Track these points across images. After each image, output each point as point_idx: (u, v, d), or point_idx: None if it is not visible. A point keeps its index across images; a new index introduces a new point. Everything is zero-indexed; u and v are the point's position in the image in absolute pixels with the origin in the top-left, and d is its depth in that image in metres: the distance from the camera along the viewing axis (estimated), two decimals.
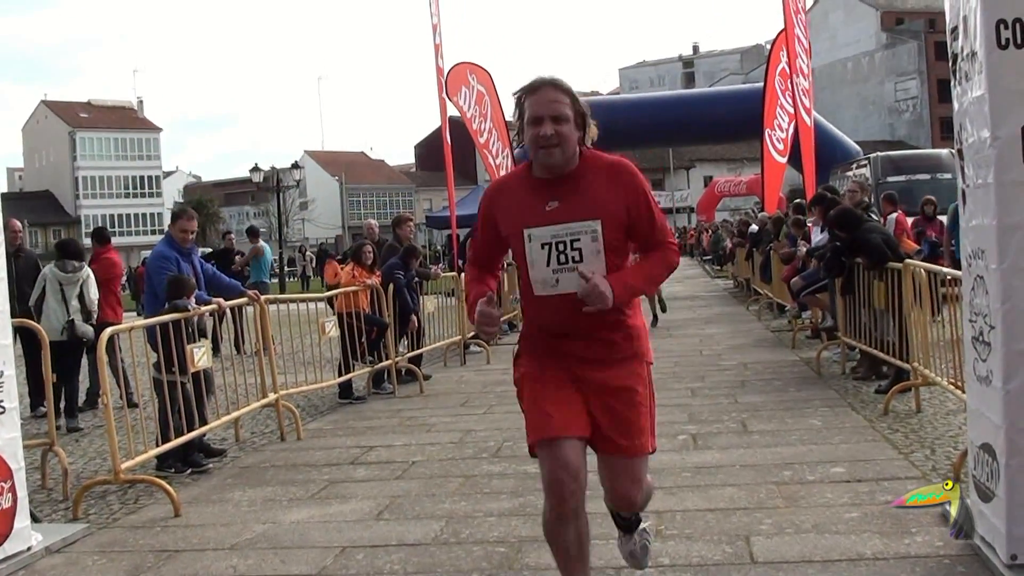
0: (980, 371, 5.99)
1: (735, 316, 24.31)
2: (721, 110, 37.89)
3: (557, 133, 4.85)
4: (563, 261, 4.91)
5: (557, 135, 4.85)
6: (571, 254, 4.89)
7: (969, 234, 6.10)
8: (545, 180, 5.00)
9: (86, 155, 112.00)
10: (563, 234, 4.90)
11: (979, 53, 5.55)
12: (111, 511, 8.75)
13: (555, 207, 4.93)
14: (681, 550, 6.60)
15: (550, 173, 4.98)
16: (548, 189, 4.98)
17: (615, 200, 4.95)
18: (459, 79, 24.61)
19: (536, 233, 4.94)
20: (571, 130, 4.93)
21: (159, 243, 11.06)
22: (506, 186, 5.28)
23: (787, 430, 10.23)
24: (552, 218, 4.92)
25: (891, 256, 11.81)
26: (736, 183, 76.34)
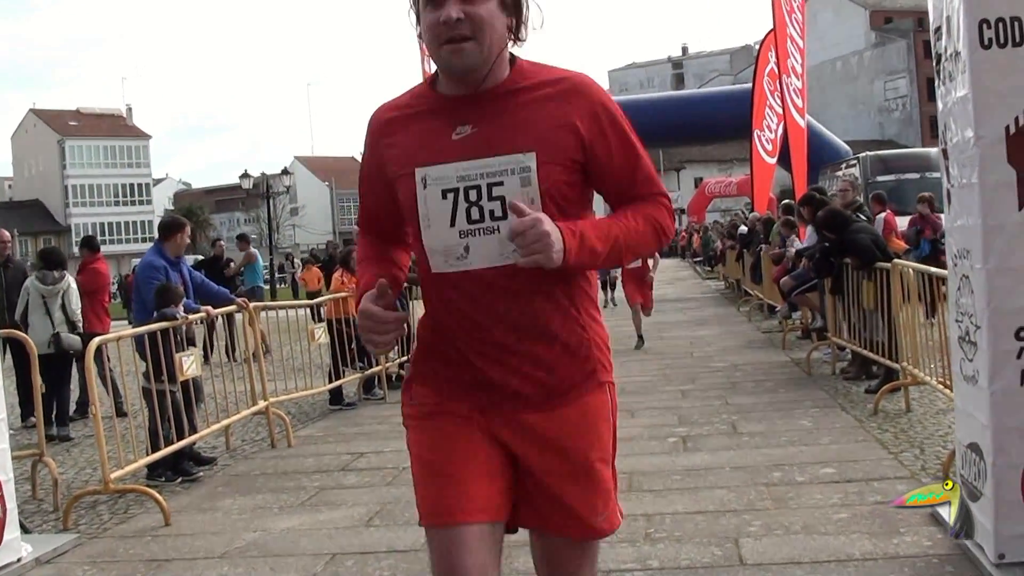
0: (967, 371, 6.00)
1: (726, 317, 24.33)
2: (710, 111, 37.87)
3: (468, 17, 3.22)
4: (476, 218, 3.28)
5: (469, 20, 3.22)
6: (489, 207, 3.27)
7: (954, 234, 6.12)
8: (454, 99, 3.39)
9: (75, 163, 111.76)
10: (477, 174, 3.28)
11: (962, 53, 5.56)
12: (101, 521, 8.74)
13: (467, 134, 3.32)
14: (670, 553, 6.60)
15: (462, 86, 3.36)
16: (458, 110, 3.37)
17: (564, 126, 3.32)
18: None
19: (435, 173, 3.31)
20: (493, 13, 3.28)
21: (148, 252, 11.04)
22: (399, 109, 3.54)
23: (777, 431, 10.23)
24: (462, 151, 3.31)
25: (880, 256, 11.82)
26: (726, 184, 76.35)
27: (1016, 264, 5.49)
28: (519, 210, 3.13)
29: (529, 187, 3.25)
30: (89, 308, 14.05)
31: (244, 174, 53.17)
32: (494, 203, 3.27)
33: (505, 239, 3.21)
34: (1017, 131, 5.43)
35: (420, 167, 3.34)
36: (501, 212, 3.25)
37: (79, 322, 13.23)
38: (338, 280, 14.82)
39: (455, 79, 3.37)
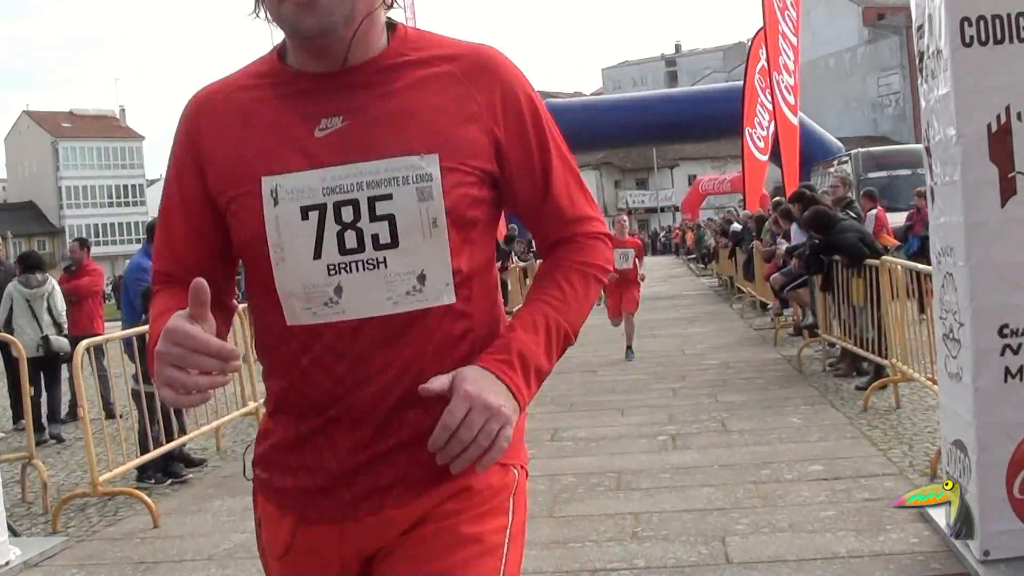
0: (951, 368, 6.00)
1: (718, 315, 24.33)
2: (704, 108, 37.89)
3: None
4: (352, 246, 2.27)
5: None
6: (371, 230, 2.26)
7: (938, 231, 6.12)
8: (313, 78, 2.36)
9: (69, 165, 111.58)
10: (353, 185, 2.26)
11: (944, 51, 5.56)
12: (91, 524, 8.73)
13: (336, 129, 2.30)
14: (657, 552, 6.61)
15: (321, 59, 2.34)
16: (321, 95, 2.34)
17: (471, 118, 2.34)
18: None
19: (290, 184, 2.28)
20: None
21: (136, 254, 11.03)
22: (230, 92, 2.47)
23: (767, 428, 10.24)
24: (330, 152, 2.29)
25: (868, 254, 11.83)
26: (720, 181, 76.45)
27: (998, 261, 5.50)
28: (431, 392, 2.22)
29: (430, 203, 2.23)
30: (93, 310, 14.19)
31: None
32: (378, 225, 2.24)
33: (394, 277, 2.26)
34: (999, 129, 5.43)
35: (268, 176, 2.27)
36: (389, 238, 2.24)
37: (65, 324, 13.22)
38: None
39: (309, 50, 2.32)
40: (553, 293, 2.45)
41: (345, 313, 2.27)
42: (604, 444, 10.18)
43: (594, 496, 8.19)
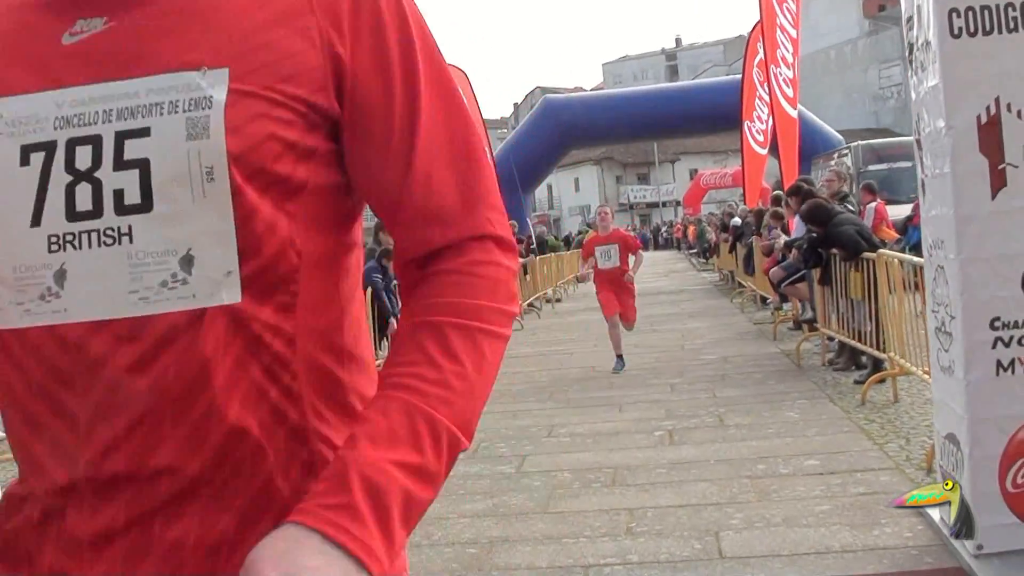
0: (943, 361, 5.99)
1: (719, 309, 24.30)
2: (704, 102, 37.92)
3: None
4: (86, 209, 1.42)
5: None
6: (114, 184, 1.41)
7: (929, 224, 6.11)
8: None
9: None
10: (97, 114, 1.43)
11: (932, 42, 5.55)
12: None
13: (93, 34, 1.48)
14: (650, 547, 6.59)
15: None
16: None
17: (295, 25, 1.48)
18: None
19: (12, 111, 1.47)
20: None
21: None
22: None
23: (764, 423, 10.22)
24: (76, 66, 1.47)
25: (865, 247, 11.81)
26: (722, 175, 76.35)
27: (989, 254, 5.48)
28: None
29: (203, 142, 1.41)
30: None
31: None
32: (125, 176, 1.42)
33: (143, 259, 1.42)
34: (988, 120, 5.42)
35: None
36: (139, 197, 1.41)
37: None
38: None
39: None
40: (422, 371, 1.45)
41: (68, 313, 1.43)
42: (601, 440, 10.16)
43: (589, 492, 8.17)
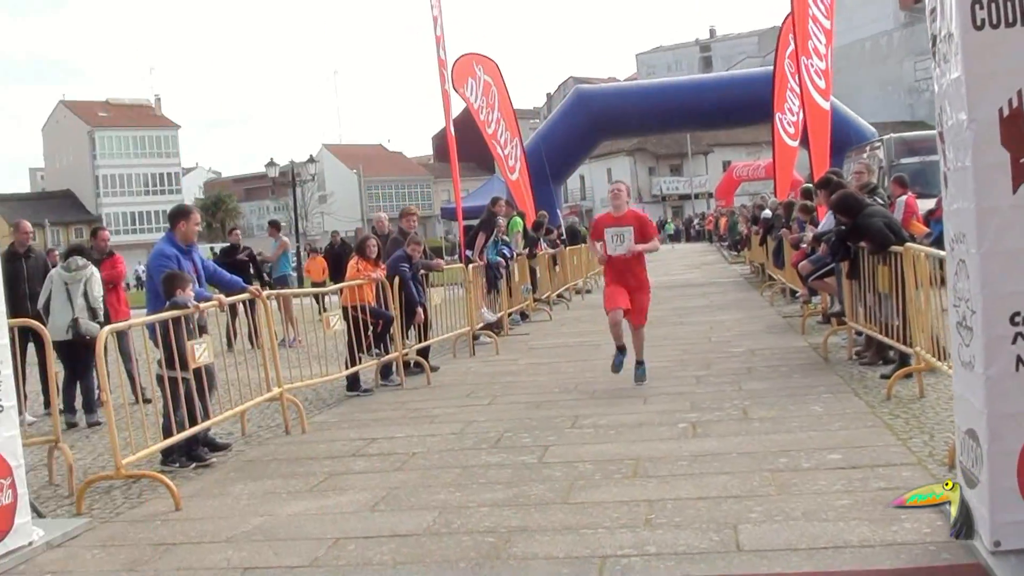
0: (964, 356, 5.97)
1: (748, 302, 24.25)
2: (738, 94, 37.79)
3: None
4: None
5: None
6: None
7: (951, 218, 6.07)
8: None
9: (105, 153, 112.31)
10: None
11: (955, 34, 5.52)
12: (114, 506, 8.82)
13: None
14: (668, 539, 6.60)
15: None
16: None
17: None
18: (465, 70, 24.67)
19: None
20: None
21: (159, 241, 11.07)
22: None
23: (788, 417, 10.21)
24: None
25: (893, 240, 11.75)
26: (755, 167, 76.25)
27: (1010, 247, 5.45)
28: None
29: None
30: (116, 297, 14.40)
31: (270, 162, 53.40)
32: None
33: None
34: (1010, 113, 5.40)
35: None
36: None
37: (100, 310, 13.31)
38: (353, 268, 14.82)
39: None
40: None
41: None
42: (624, 431, 10.17)
43: (610, 483, 8.19)
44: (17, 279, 13.63)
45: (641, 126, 45.28)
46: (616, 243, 12.62)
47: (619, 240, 12.61)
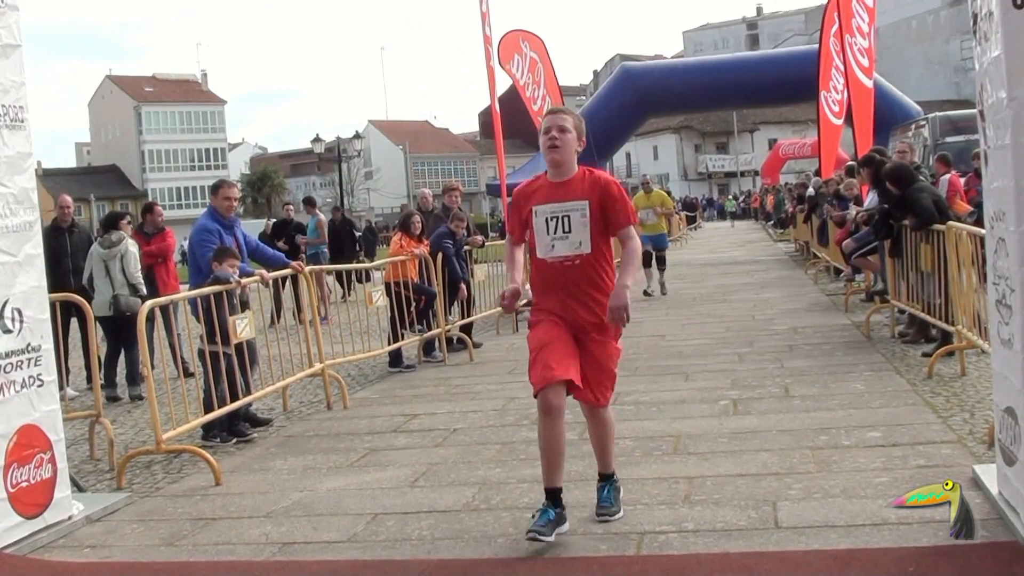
0: (1003, 334, 5.94)
1: (792, 280, 24.17)
2: (784, 72, 37.52)
3: None
4: None
5: None
6: None
7: (991, 196, 6.04)
8: None
9: (152, 129, 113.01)
10: None
11: (995, 12, 5.48)
12: (155, 480, 8.89)
13: None
14: (707, 515, 6.60)
15: None
16: None
17: None
18: (511, 47, 24.61)
19: None
20: None
21: (202, 216, 11.16)
22: None
23: (829, 394, 10.19)
24: None
25: (938, 218, 11.69)
26: (801, 145, 75.74)
27: None
28: None
29: None
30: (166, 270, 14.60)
31: (316, 138, 53.62)
32: None
33: None
34: None
35: None
36: None
37: (140, 285, 13.39)
38: (396, 243, 14.87)
39: None
40: None
41: None
42: (665, 408, 10.18)
43: (650, 460, 8.20)
44: (60, 254, 13.76)
45: (687, 104, 44.98)
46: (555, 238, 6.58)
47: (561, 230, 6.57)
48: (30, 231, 7.49)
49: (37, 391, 7.44)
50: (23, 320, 7.35)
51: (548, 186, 6.65)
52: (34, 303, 7.49)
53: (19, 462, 7.18)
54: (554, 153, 6.54)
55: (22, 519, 7.18)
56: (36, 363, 7.46)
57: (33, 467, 7.31)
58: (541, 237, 6.58)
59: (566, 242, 6.51)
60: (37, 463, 7.35)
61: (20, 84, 7.46)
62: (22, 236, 7.39)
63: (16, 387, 7.24)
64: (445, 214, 16.23)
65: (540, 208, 6.58)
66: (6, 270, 7.21)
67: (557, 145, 6.50)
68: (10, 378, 7.19)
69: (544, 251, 6.56)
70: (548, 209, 6.54)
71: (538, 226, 6.57)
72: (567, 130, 6.54)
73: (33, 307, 7.46)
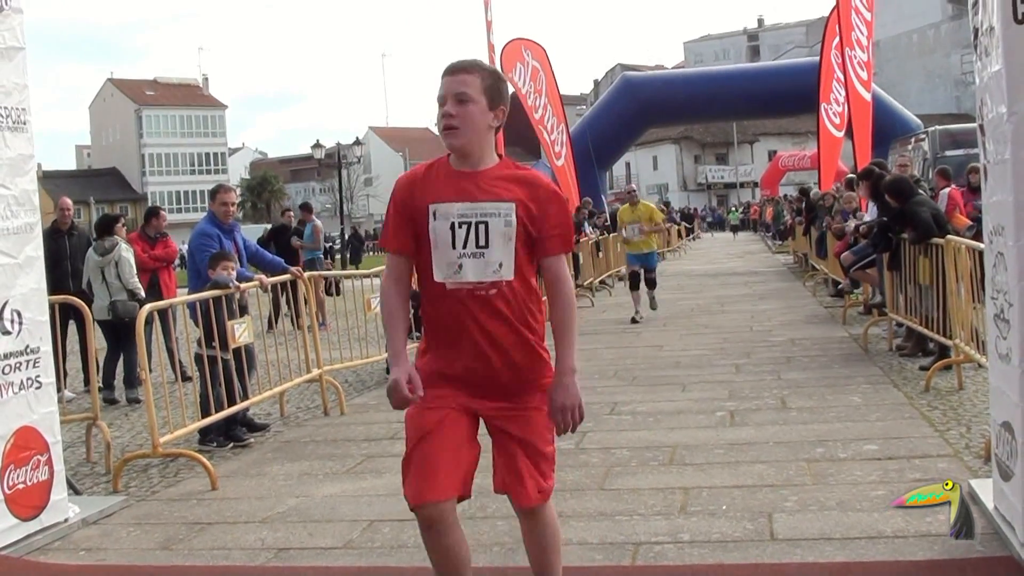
0: (1001, 349, 5.95)
1: (790, 291, 24.17)
2: (784, 83, 37.60)
3: None
4: None
5: None
6: None
7: (990, 210, 6.06)
8: None
9: (152, 132, 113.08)
10: None
11: (996, 27, 5.49)
12: (151, 484, 8.89)
13: None
14: (703, 527, 6.61)
15: None
16: None
17: None
18: (514, 55, 24.69)
19: None
20: None
21: (201, 221, 11.17)
22: None
23: (826, 407, 10.20)
24: None
25: (937, 232, 11.71)
26: (800, 157, 75.81)
27: None
28: None
29: None
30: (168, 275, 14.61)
31: (316, 144, 53.65)
32: None
33: None
34: None
35: None
36: None
37: (137, 289, 13.38)
38: None
39: None
40: None
41: None
42: (662, 419, 10.18)
43: (646, 470, 8.21)
44: (60, 256, 13.75)
45: (687, 114, 45.09)
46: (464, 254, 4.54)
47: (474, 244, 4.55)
48: (31, 233, 7.50)
49: (35, 393, 7.44)
50: (22, 322, 7.35)
51: (454, 176, 4.55)
52: (33, 305, 7.49)
53: (16, 464, 7.18)
54: (451, 137, 4.51)
55: (18, 521, 7.17)
56: (35, 365, 7.47)
57: (30, 469, 7.31)
58: (443, 251, 4.49)
59: (480, 262, 4.46)
60: (34, 465, 7.35)
61: (23, 87, 7.46)
62: (23, 238, 7.40)
63: (14, 388, 7.24)
64: None
65: (443, 208, 4.49)
66: (6, 272, 7.22)
67: (454, 126, 4.48)
68: (8, 379, 7.19)
69: (445, 272, 4.49)
70: (456, 210, 4.47)
71: (438, 234, 4.48)
72: (469, 99, 4.48)
73: (32, 309, 7.47)
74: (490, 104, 4.53)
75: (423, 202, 4.51)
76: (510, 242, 4.43)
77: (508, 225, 4.43)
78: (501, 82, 4.71)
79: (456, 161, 4.57)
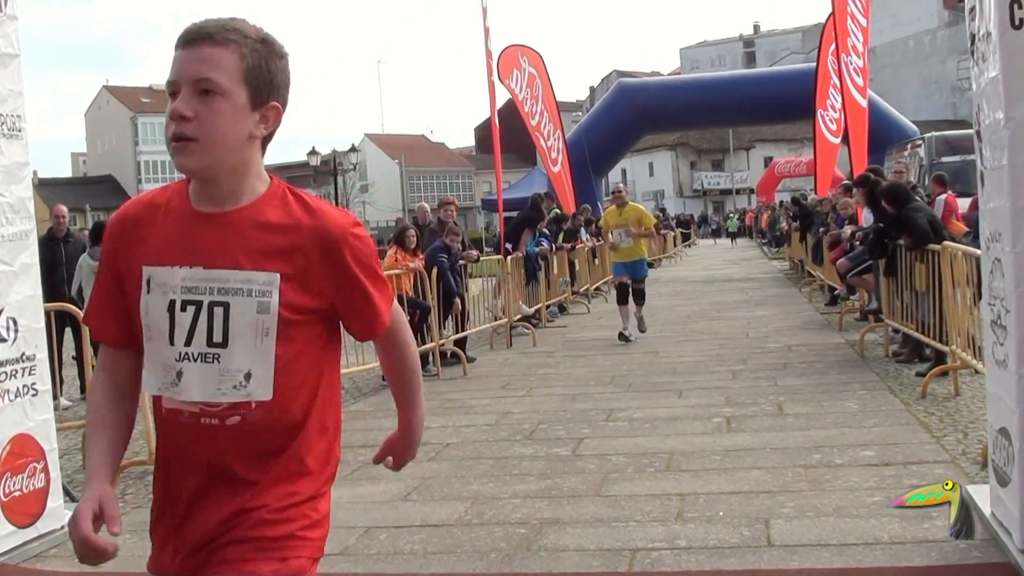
0: (998, 355, 5.95)
1: (786, 298, 24.19)
2: (780, 89, 37.72)
3: None
4: None
5: None
6: None
7: (987, 216, 6.06)
8: None
9: (148, 140, 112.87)
10: None
11: (993, 33, 5.50)
12: (147, 492, 8.85)
13: None
14: (699, 533, 6.61)
15: None
16: None
17: None
18: (510, 62, 24.70)
19: None
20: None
21: None
22: None
23: (822, 413, 10.20)
24: None
25: (933, 238, 11.72)
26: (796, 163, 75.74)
27: None
28: None
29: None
30: None
31: (312, 151, 53.66)
32: None
33: None
34: None
35: None
36: None
37: None
38: (392, 257, 14.88)
39: None
40: None
41: None
42: (659, 425, 10.18)
43: (643, 476, 8.20)
44: (55, 263, 13.74)
45: (683, 120, 45.17)
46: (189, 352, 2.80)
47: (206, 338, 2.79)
48: (26, 240, 7.48)
49: (31, 400, 7.43)
50: (18, 329, 7.34)
51: (188, 220, 2.87)
52: (29, 312, 7.48)
53: (12, 471, 7.17)
54: (183, 155, 2.84)
55: (15, 528, 7.16)
56: (30, 372, 7.45)
57: (26, 476, 7.30)
58: (156, 346, 2.82)
59: (212, 369, 2.76)
60: (30, 472, 7.34)
61: (18, 94, 7.45)
62: (18, 245, 7.39)
63: (10, 396, 7.23)
64: (440, 228, 16.25)
65: (160, 274, 2.80)
66: (1, 279, 7.21)
67: (188, 136, 2.81)
68: (4, 387, 7.18)
69: (159, 382, 2.85)
70: (180, 280, 2.77)
71: (151, 317, 2.80)
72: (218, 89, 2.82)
73: (28, 316, 7.45)
74: (253, 98, 2.88)
75: (136, 261, 2.85)
76: (267, 338, 2.73)
77: (264, 311, 2.72)
78: (275, 58, 3.02)
79: (196, 193, 2.91)
